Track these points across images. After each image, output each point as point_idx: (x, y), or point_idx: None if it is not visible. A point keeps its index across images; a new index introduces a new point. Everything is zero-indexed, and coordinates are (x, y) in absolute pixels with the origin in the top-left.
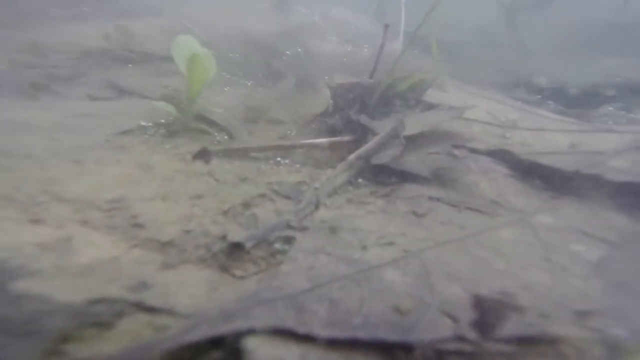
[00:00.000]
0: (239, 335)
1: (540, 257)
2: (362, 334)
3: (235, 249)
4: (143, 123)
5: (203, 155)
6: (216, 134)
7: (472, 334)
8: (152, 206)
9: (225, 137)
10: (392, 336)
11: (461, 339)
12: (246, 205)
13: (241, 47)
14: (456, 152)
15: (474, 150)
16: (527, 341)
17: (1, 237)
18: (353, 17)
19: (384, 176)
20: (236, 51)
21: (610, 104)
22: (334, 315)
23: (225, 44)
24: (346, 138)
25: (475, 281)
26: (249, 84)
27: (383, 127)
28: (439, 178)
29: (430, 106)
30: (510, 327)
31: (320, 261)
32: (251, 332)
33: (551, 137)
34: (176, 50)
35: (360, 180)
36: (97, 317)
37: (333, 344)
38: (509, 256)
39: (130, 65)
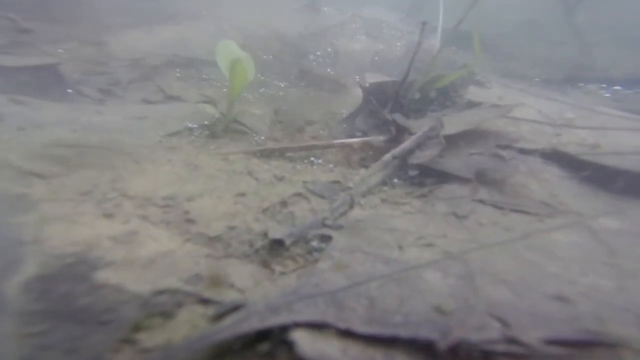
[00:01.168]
0: (285, 328)
1: (602, 262)
2: (403, 332)
3: (276, 245)
4: (189, 125)
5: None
6: (254, 134)
7: (523, 336)
8: (200, 203)
9: (262, 137)
10: (435, 335)
11: (511, 340)
12: (284, 203)
13: (273, 49)
14: (502, 152)
15: (521, 151)
16: (584, 345)
17: (82, 230)
18: (385, 16)
19: (420, 176)
20: (269, 52)
21: None
22: (373, 313)
23: (258, 46)
24: (380, 138)
25: (526, 284)
26: (282, 85)
27: (419, 126)
28: (482, 179)
29: (472, 104)
30: (566, 330)
31: (357, 259)
32: (296, 325)
33: (615, 136)
34: (219, 56)
35: (395, 180)
36: (161, 307)
37: (373, 340)
38: (564, 260)
39: (177, 70)
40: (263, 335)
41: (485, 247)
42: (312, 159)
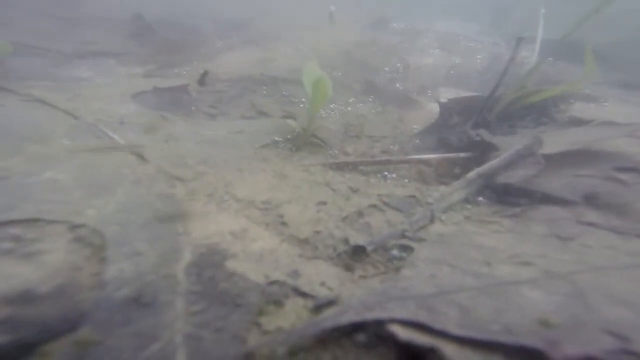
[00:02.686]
0: (380, 323)
1: None
2: (504, 339)
3: (357, 251)
4: (276, 138)
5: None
6: (328, 148)
7: None
8: (290, 209)
9: (335, 151)
10: (542, 345)
11: (629, 353)
12: (360, 213)
13: (341, 66)
14: (621, 175)
15: None
16: None
17: (211, 225)
18: (460, 28)
19: (511, 196)
20: (338, 69)
21: None
22: (466, 320)
23: (327, 62)
24: (462, 154)
25: None
26: (351, 100)
27: (508, 143)
28: (593, 202)
29: (577, 121)
30: None
31: (443, 271)
32: (391, 321)
33: None
34: (305, 76)
35: (480, 198)
36: (274, 296)
37: (468, 343)
38: None
39: (263, 88)
40: (358, 328)
41: (598, 269)
42: (386, 173)
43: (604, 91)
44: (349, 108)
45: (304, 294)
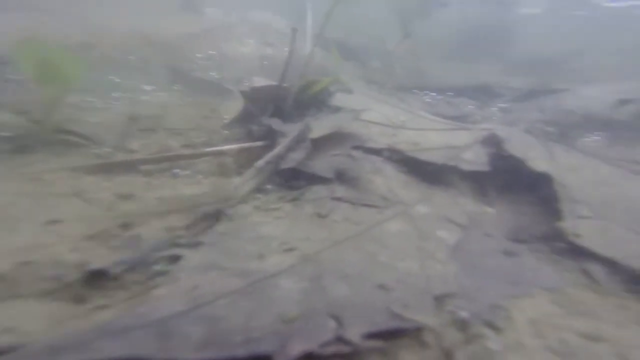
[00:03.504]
0: None
1: (415, 247)
2: (242, 351)
3: (98, 276)
4: None
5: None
6: (94, 146)
7: (348, 334)
8: None
9: (107, 149)
10: (274, 347)
11: (339, 340)
12: (126, 225)
13: (140, 51)
14: (354, 152)
15: (370, 150)
16: (396, 334)
17: None
18: (273, 20)
19: (294, 180)
20: (135, 54)
21: (470, 104)
22: (210, 336)
23: (121, 46)
24: (258, 143)
25: (363, 277)
26: (149, 88)
27: (293, 131)
28: (341, 178)
29: (338, 109)
30: (380, 320)
31: (209, 278)
32: None
33: (429, 136)
34: (24, 56)
35: (269, 186)
36: None
37: None
38: (392, 248)
39: None
40: None
41: (337, 243)
42: (176, 170)
43: (356, 85)
44: (146, 97)
45: None
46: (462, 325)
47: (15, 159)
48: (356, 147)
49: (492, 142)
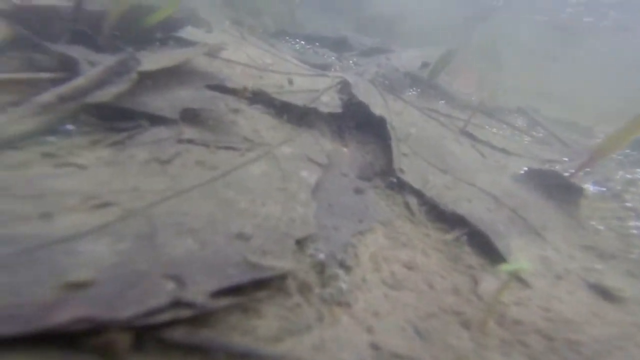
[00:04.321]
0: None
1: (277, 189)
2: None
3: None
4: None
5: None
6: None
7: (189, 295)
8: None
9: None
10: (65, 324)
11: (176, 304)
12: None
13: None
14: (211, 92)
15: (232, 91)
16: (256, 286)
17: None
18: None
19: (117, 120)
20: None
21: (332, 55)
22: None
23: None
24: (45, 75)
25: (216, 228)
26: None
27: (109, 62)
28: (192, 119)
29: (183, 43)
30: (236, 275)
31: None
32: None
33: (295, 80)
34: None
35: (69, 126)
36: None
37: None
38: (253, 192)
39: None
40: None
41: (182, 193)
42: None
43: (221, 25)
44: None
45: None
46: (320, 267)
47: None
48: (213, 87)
49: (344, 88)
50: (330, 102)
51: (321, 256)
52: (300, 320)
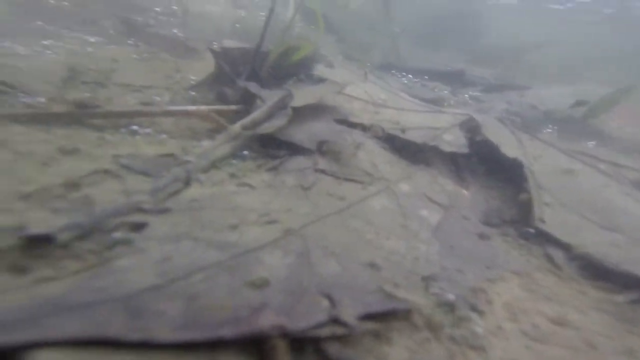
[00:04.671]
0: (18, 349)
1: (399, 225)
2: (228, 332)
3: (40, 243)
4: None
5: None
6: (23, 95)
7: (344, 315)
8: None
9: (41, 100)
10: (265, 329)
11: (334, 321)
12: (72, 185)
13: None
14: (338, 126)
15: (353, 125)
16: (386, 316)
17: None
18: None
19: (274, 148)
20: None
21: (444, 89)
22: (190, 314)
23: None
24: (232, 107)
25: (350, 255)
26: (92, 40)
27: (273, 97)
28: (323, 150)
29: (319, 80)
30: (376, 302)
31: (182, 249)
32: (41, 345)
33: (409, 116)
34: None
35: (246, 152)
36: None
37: (190, 348)
38: (377, 225)
39: None
40: None
41: (321, 218)
42: (135, 127)
43: (335, 59)
44: (89, 49)
45: None
46: (449, 307)
47: None
48: (339, 121)
49: (469, 126)
50: (454, 141)
51: (450, 296)
52: (430, 355)
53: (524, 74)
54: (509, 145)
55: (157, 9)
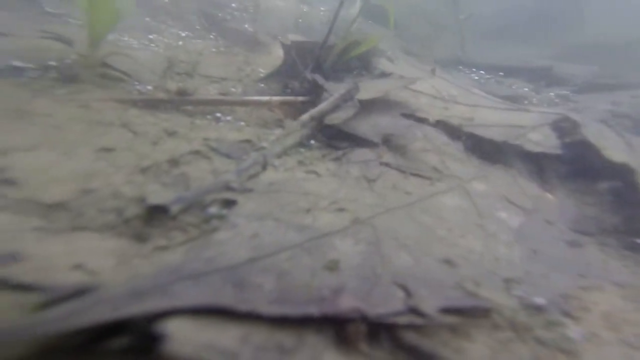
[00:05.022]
0: (154, 317)
1: (474, 224)
2: (314, 310)
3: (157, 213)
4: (17, 64)
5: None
6: (135, 83)
7: (422, 306)
8: (29, 158)
9: (149, 87)
10: (346, 311)
11: (413, 311)
12: (174, 162)
13: None
14: (405, 120)
15: (420, 120)
16: (466, 312)
17: None
18: None
19: (336, 139)
20: None
21: (524, 87)
22: (282, 290)
23: None
24: (300, 98)
25: (422, 249)
26: (183, 34)
27: (337, 89)
28: (389, 144)
29: (383, 74)
30: (455, 296)
31: (267, 227)
32: (172, 313)
33: (484, 112)
34: None
35: (312, 142)
36: None
37: (281, 322)
38: (449, 222)
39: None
40: (123, 327)
41: (389, 211)
42: (219, 115)
43: (398, 55)
44: (181, 42)
45: (24, 287)
46: (536, 310)
47: (63, 87)
48: (405, 116)
49: (562, 126)
50: (543, 141)
51: (538, 300)
52: (513, 355)
53: (635, 72)
54: (615, 149)
55: (233, 4)
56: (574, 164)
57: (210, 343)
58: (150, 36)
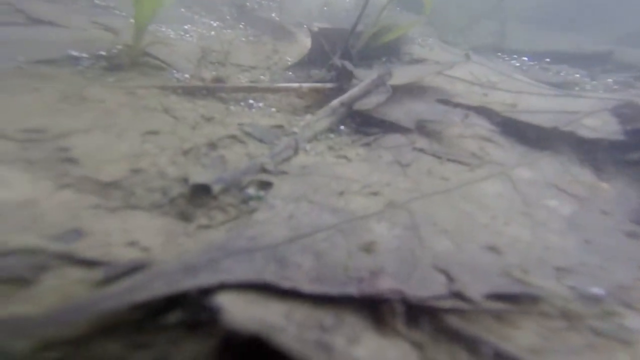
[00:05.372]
0: (205, 291)
1: (520, 212)
2: (353, 290)
3: (200, 193)
4: (73, 53)
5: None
6: (174, 71)
7: (466, 291)
8: (87, 140)
9: (186, 75)
10: (385, 292)
11: (456, 296)
12: (212, 145)
13: None
14: (441, 106)
15: (457, 105)
16: (513, 299)
17: None
18: None
19: (366, 125)
20: None
21: (576, 73)
22: (320, 269)
23: None
24: (328, 85)
25: (463, 235)
26: (215, 24)
27: (367, 75)
28: (423, 130)
29: (414, 61)
30: (502, 283)
31: (302, 209)
32: (222, 288)
33: (529, 98)
34: None
35: (342, 127)
36: (10, 272)
37: (320, 300)
38: (492, 210)
39: None
40: (175, 302)
41: (426, 196)
42: (251, 101)
43: (432, 41)
44: (213, 32)
45: (86, 263)
46: (591, 300)
47: (112, 74)
48: (441, 101)
49: (625, 112)
50: (600, 127)
51: (595, 290)
52: (566, 344)
53: None
54: None
55: None
56: (637, 152)
57: (261, 317)
58: (185, 26)
